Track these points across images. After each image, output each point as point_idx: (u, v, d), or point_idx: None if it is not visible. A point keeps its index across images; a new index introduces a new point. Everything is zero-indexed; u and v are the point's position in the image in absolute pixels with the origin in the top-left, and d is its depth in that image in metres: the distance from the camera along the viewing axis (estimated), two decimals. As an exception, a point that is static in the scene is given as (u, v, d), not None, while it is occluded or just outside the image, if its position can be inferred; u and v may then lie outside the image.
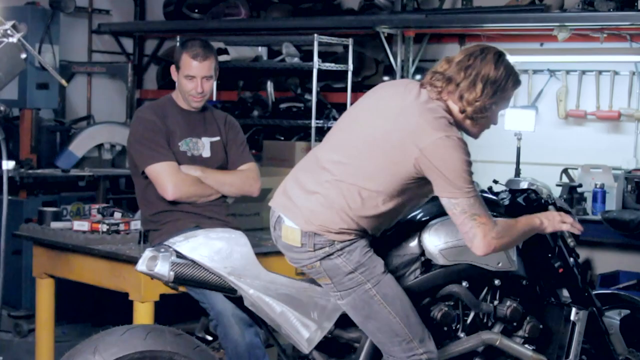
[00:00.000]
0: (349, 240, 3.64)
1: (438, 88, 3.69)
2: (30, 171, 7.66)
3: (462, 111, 3.68)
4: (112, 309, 7.50)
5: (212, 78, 5.15)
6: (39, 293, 5.86)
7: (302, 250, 3.69)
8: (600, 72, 8.09)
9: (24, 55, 3.23)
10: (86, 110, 9.42)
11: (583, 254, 7.76)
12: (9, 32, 3.17)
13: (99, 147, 8.42)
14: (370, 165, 3.62)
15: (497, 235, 3.58)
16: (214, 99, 8.59)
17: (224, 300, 4.69)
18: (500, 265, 3.91)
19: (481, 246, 3.57)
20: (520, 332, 4.05)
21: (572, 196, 7.61)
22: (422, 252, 3.87)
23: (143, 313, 5.13)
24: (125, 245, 5.37)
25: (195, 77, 5.08)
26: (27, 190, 7.66)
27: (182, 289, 4.55)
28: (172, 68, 5.19)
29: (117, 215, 5.78)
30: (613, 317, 4.38)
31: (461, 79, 3.68)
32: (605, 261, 7.96)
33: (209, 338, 5.06)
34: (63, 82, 3.39)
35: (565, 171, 7.97)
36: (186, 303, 5.35)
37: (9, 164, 3.29)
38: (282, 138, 8.73)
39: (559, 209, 4.12)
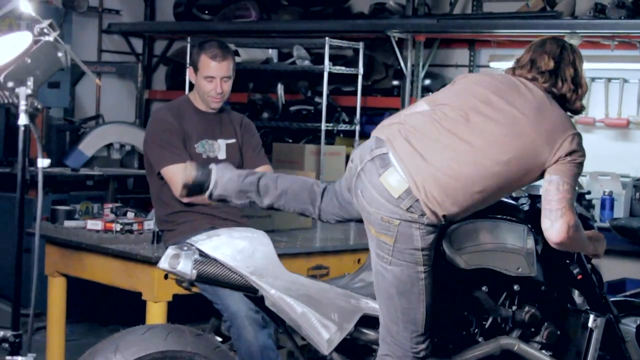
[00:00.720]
0: (436, 224, 3.59)
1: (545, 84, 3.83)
2: (41, 169, 7.64)
3: (574, 90, 3.85)
4: (118, 308, 7.52)
5: (231, 78, 5.16)
6: (50, 291, 5.86)
7: (392, 202, 3.56)
8: (609, 79, 8.11)
9: (60, 54, 3.25)
10: (95, 109, 9.43)
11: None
12: (45, 30, 3.18)
13: (108, 146, 8.43)
14: (509, 152, 3.63)
15: (576, 228, 3.70)
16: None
17: (238, 301, 4.71)
18: (519, 270, 3.91)
19: (560, 229, 3.66)
20: (538, 338, 4.05)
21: (581, 203, 7.58)
22: (443, 255, 3.87)
23: (156, 313, 5.12)
24: (138, 245, 5.37)
25: (214, 78, 5.09)
26: (36, 189, 7.63)
27: (195, 289, 4.55)
28: (190, 70, 5.20)
29: (130, 215, 5.78)
30: (629, 325, 4.38)
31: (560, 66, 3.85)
32: (612, 269, 7.94)
33: (219, 339, 5.07)
34: (98, 81, 3.44)
35: (574, 178, 7.97)
36: (196, 304, 5.37)
37: (44, 162, 3.30)
38: (291, 140, 8.74)
39: (578, 215, 4.12)
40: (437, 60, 8.86)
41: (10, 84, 3.25)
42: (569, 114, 3.87)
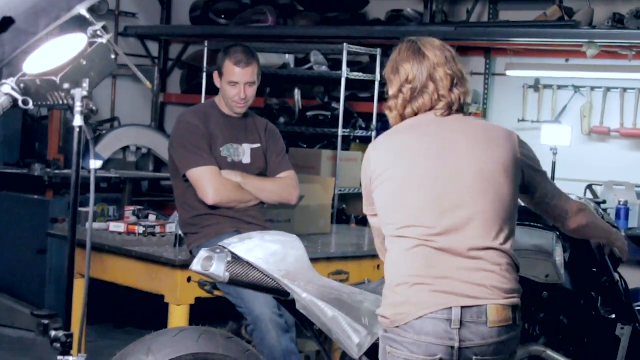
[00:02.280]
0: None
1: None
2: (57, 171, 7.68)
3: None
4: (133, 310, 7.55)
5: (255, 84, 5.18)
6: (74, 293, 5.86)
7: (515, 327, 3.21)
8: (625, 89, 8.13)
9: (113, 56, 3.27)
10: (110, 112, 9.45)
11: (605, 270, 7.76)
12: (99, 32, 3.20)
13: (124, 149, 8.45)
14: (501, 200, 3.25)
15: (589, 212, 3.73)
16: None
17: (262, 305, 4.73)
18: (548, 277, 3.93)
19: (580, 217, 3.65)
20: (565, 345, 4.07)
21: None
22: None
23: (179, 316, 5.13)
24: (161, 248, 5.40)
25: (238, 83, 5.10)
26: (54, 190, 7.68)
27: (217, 293, 4.57)
28: (215, 74, 5.22)
29: (152, 217, 5.81)
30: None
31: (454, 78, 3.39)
32: (628, 278, 7.95)
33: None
34: (147, 83, 3.42)
35: (589, 187, 7.99)
36: (211, 307, 5.39)
37: (96, 164, 3.33)
38: (305, 146, 8.76)
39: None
40: (452, 68, 8.86)
41: (66, 86, 3.28)
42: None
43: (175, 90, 10.01)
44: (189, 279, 5.03)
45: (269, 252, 3.72)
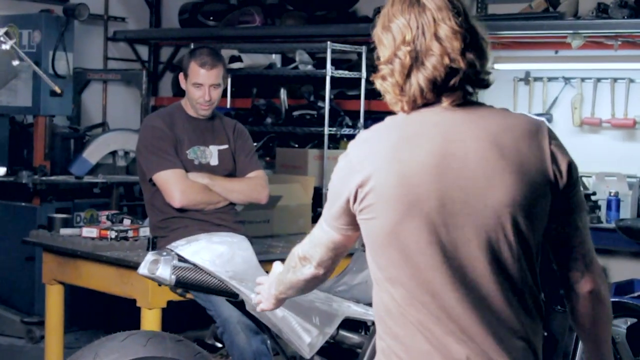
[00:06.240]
0: None
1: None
2: (44, 178, 7.67)
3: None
4: (124, 315, 7.52)
5: (220, 86, 5.16)
6: (48, 299, 5.89)
7: None
8: (615, 79, 8.05)
9: (16, 62, 3.24)
10: (101, 117, 9.44)
11: (597, 262, 7.70)
12: (1, 39, 3.17)
13: (113, 154, 8.44)
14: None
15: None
16: (228, 106, 8.61)
17: (231, 307, 4.69)
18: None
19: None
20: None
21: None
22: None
23: (151, 320, 5.14)
24: (133, 252, 5.38)
25: (203, 85, 5.08)
26: (40, 197, 7.68)
27: (189, 295, 4.55)
28: (181, 76, 5.21)
29: (127, 222, 5.79)
30: (619, 326, 4.35)
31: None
32: (620, 270, 7.90)
33: (219, 345, 5.08)
34: (56, 88, 3.41)
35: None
36: (198, 310, 5.37)
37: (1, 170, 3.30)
38: (297, 145, 8.73)
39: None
40: (442, 62, 8.81)
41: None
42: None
43: (167, 94, 9.99)
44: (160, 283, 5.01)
45: (215, 253, 3.72)
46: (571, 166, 2.53)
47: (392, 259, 2.42)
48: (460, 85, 2.47)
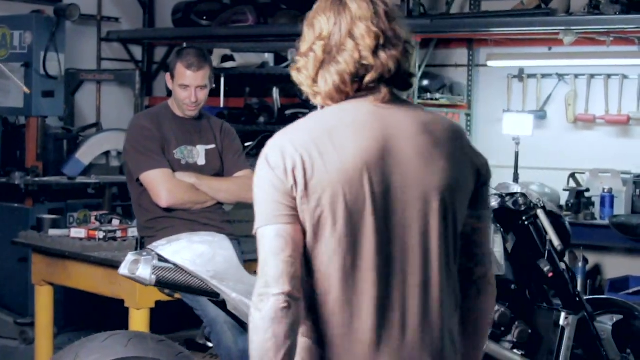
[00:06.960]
0: None
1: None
2: (37, 179, 7.66)
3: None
4: (117, 316, 7.51)
5: (207, 87, 5.14)
6: (37, 300, 5.88)
7: None
8: (609, 76, 8.05)
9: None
10: (95, 117, 9.43)
11: (592, 259, 7.71)
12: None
13: (106, 154, 8.43)
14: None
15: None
16: (221, 105, 8.59)
17: (217, 307, 4.69)
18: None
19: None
20: (509, 337, 4.02)
21: (580, 201, 7.56)
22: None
23: (138, 320, 5.13)
24: (121, 252, 5.35)
25: (189, 87, 5.07)
26: (33, 198, 7.67)
27: (177, 296, 4.54)
28: (167, 76, 5.19)
29: (115, 222, 5.78)
30: (605, 322, 4.34)
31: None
32: (615, 266, 7.90)
33: (210, 345, 5.05)
34: (25, 88, 3.39)
35: (572, 175, 7.93)
36: (189, 310, 5.35)
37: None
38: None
39: (548, 212, 4.08)
40: (436, 61, 8.81)
41: None
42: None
43: (161, 94, 9.97)
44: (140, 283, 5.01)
45: (196, 253, 3.70)
46: (488, 164, 2.62)
47: (333, 244, 2.42)
48: (381, 83, 2.52)
